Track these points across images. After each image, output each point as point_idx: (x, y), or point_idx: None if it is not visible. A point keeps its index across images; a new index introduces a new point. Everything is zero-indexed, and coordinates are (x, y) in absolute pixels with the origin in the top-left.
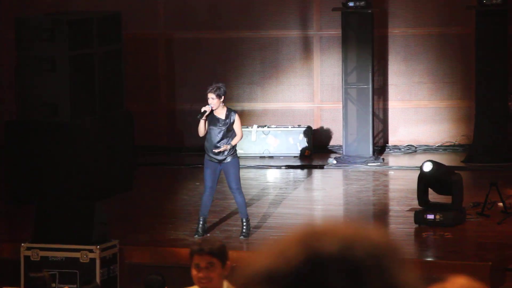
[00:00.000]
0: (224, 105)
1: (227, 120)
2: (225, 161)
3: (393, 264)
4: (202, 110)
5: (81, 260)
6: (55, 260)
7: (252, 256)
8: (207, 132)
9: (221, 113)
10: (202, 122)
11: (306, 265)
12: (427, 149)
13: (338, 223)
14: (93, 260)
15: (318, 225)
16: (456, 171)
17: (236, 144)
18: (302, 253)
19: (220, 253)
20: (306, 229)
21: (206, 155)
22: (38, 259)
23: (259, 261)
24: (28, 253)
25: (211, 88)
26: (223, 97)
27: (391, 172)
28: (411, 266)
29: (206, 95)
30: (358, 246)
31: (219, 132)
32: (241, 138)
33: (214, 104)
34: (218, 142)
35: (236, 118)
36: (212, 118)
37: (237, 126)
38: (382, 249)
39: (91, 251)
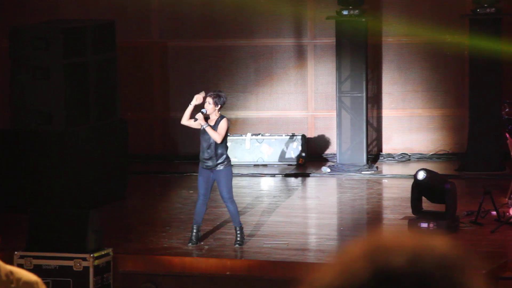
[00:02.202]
0: (219, 113)
1: (215, 126)
2: (217, 169)
3: (463, 275)
4: (196, 111)
5: (74, 269)
6: (49, 269)
7: (317, 271)
8: (200, 140)
9: (213, 120)
10: (189, 107)
11: (373, 280)
12: (421, 158)
13: (403, 236)
14: (86, 269)
15: (383, 238)
16: (449, 180)
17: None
18: (368, 268)
19: None
20: (372, 243)
21: (200, 163)
22: (32, 268)
23: (324, 276)
24: (22, 261)
25: (211, 93)
26: (219, 106)
27: (385, 181)
28: (481, 276)
29: (205, 98)
30: (426, 259)
31: (210, 139)
32: (219, 137)
33: (209, 109)
34: (208, 148)
35: (222, 121)
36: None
37: (221, 127)
38: (451, 260)
39: (84, 259)
